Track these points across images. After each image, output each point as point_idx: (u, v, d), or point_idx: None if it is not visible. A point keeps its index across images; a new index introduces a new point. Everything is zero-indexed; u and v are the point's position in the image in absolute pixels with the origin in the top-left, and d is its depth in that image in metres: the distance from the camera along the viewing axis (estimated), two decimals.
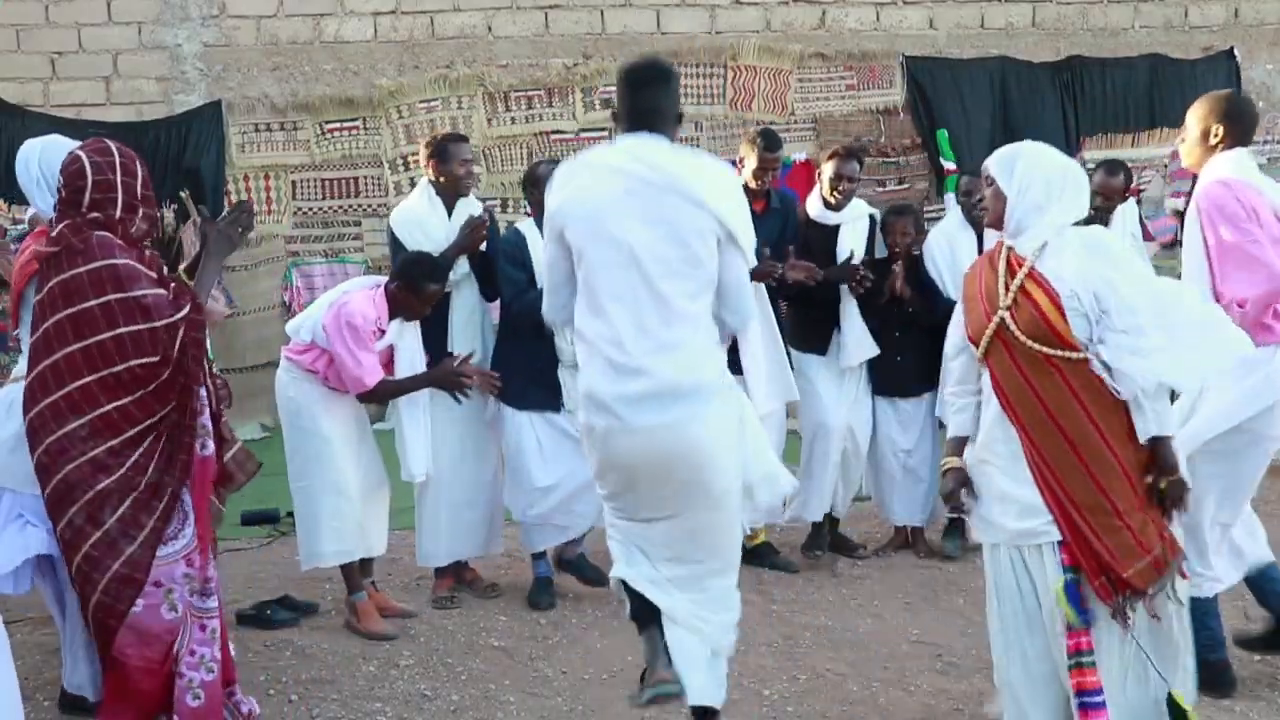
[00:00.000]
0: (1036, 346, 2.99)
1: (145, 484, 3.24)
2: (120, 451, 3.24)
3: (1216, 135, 3.75)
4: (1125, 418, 3.00)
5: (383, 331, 4.50)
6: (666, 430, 2.91)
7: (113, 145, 3.40)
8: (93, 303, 3.21)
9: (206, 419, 3.36)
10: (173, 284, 3.38)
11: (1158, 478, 3.02)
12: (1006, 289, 3.06)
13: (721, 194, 3.00)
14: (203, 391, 3.35)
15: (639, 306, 2.93)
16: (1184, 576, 3.08)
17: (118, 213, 3.30)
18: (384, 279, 4.67)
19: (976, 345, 3.14)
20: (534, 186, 4.80)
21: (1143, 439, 2.99)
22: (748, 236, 3.05)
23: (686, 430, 2.92)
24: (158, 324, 3.22)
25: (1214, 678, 3.72)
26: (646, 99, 3.06)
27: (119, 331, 3.21)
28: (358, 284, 4.70)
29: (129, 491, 3.23)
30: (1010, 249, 3.12)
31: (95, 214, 3.28)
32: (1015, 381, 3.04)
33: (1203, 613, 3.71)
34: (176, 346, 3.23)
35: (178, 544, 3.29)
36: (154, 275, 3.33)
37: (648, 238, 2.92)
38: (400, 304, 4.53)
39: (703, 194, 2.95)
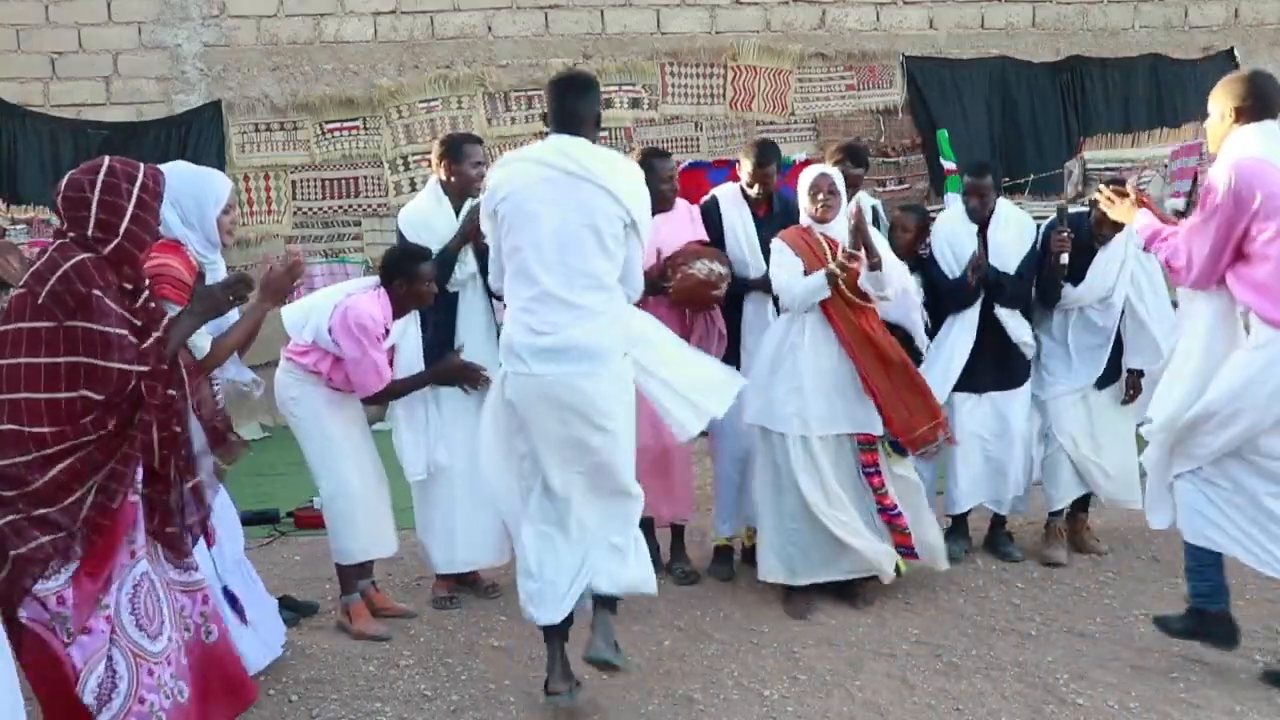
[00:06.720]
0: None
1: (46, 513, 3.05)
2: (36, 467, 3.03)
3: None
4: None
5: (387, 332, 4.49)
6: (561, 380, 3.48)
7: (111, 163, 3.25)
8: (55, 324, 3.02)
9: (137, 470, 3.17)
10: (154, 337, 3.15)
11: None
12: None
13: (629, 187, 3.55)
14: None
15: (553, 275, 3.49)
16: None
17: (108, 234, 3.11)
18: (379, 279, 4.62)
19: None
20: None
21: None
22: (647, 225, 3.63)
23: (579, 382, 3.49)
24: (112, 364, 3.01)
25: (1214, 628, 3.84)
26: (569, 105, 3.64)
27: (72, 360, 3.01)
28: (358, 285, 4.65)
29: (32, 508, 3.04)
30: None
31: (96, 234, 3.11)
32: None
33: (1206, 563, 3.83)
34: (125, 396, 3.03)
35: (48, 583, 3.08)
36: (124, 315, 3.08)
37: (564, 218, 3.49)
38: (405, 298, 4.50)
39: (613, 186, 3.50)
